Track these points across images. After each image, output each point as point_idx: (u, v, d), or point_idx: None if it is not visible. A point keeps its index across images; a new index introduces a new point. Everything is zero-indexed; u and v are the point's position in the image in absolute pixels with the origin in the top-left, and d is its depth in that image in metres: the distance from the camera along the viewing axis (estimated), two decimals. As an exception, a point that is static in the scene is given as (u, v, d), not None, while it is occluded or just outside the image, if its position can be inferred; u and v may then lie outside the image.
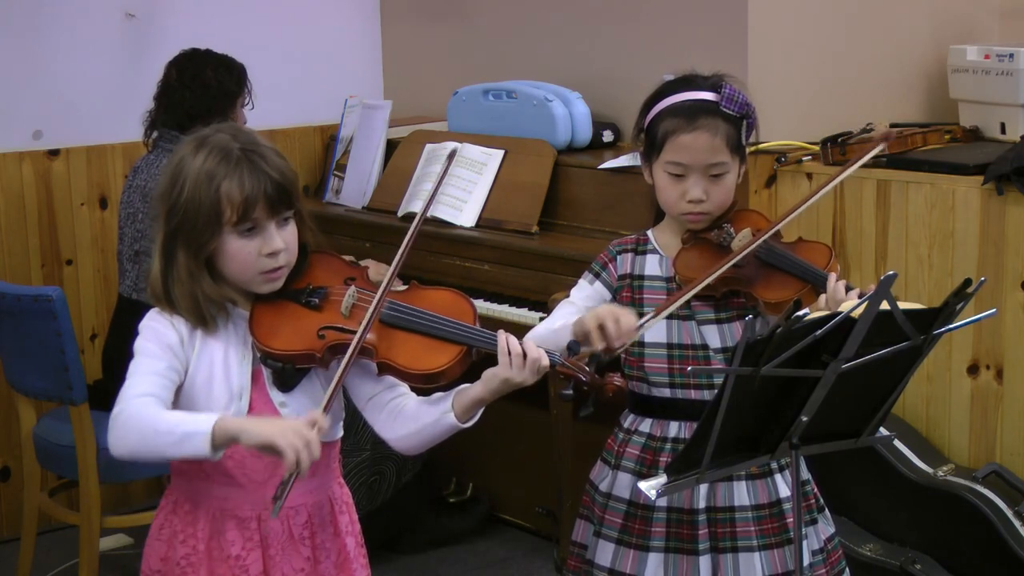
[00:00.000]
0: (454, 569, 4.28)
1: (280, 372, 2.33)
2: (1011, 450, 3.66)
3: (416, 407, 2.35)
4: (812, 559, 2.70)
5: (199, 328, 2.32)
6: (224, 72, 4.08)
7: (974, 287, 2.19)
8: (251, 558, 2.34)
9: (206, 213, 2.26)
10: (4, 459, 4.56)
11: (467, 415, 2.32)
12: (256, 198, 2.26)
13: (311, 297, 2.37)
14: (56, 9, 4.59)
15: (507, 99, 4.48)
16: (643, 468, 2.67)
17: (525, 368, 2.27)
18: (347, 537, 2.45)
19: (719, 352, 2.65)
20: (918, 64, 4.44)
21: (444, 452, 4.49)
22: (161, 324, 2.32)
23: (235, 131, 2.35)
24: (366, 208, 4.66)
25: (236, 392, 2.32)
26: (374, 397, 2.39)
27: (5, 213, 4.51)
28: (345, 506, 2.47)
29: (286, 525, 2.37)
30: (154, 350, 2.28)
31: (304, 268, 2.40)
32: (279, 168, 2.30)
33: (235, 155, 2.28)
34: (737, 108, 2.63)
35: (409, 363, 2.30)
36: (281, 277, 2.34)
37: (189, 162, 2.29)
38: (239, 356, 2.34)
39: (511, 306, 3.98)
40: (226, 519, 2.34)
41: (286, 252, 2.32)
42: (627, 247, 2.75)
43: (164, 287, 2.31)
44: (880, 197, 3.82)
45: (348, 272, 2.44)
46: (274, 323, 2.33)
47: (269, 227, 2.29)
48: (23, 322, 3.65)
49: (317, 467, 2.37)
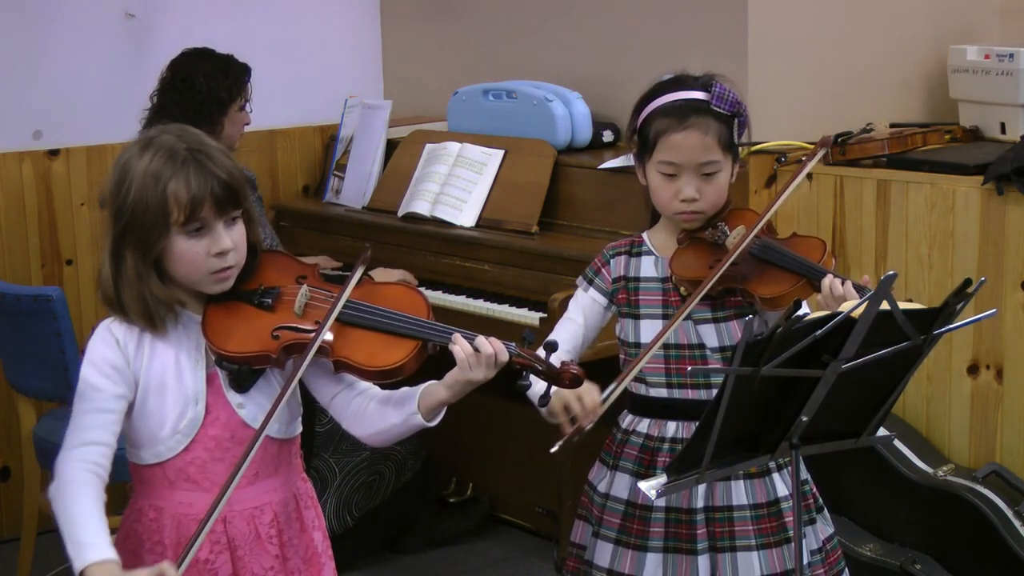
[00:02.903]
0: (454, 569, 4.28)
1: (236, 373, 2.32)
2: (1011, 450, 3.66)
3: (381, 407, 2.35)
4: (811, 559, 2.70)
5: (148, 331, 2.31)
6: (218, 77, 4.06)
7: (974, 287, 2.20)
8: (219, 561, 2.34)
9: (153, 214, 2.25)
10: (4, 459, 4.56)
11: (432, 415, 2.32)
12: (203, 198, 2.25)
13: (264, 297, 2.35)
14: (56, 9, 4.59)
15: (507, 99, 4.48)
16: (641, 468, 2.68)
17: (483, 366, 2.26)
18: (314, 531, 2.45)
19: (716, 351, 2.65)
20: (918, 64, 4.44)
21: (444, 452, 4.51)
22: (106, 344, 2.31)
23: (181, 132, 2.33)
24: (366, 208, 4.66)
25: (192, 397, 2.31)
26: (336, 396, 2.39)
27: (5, 213, 4.51)
28: (310, 500, 2.47)
29: (252, 525, 2.36)
30: (97, 379, 2.29)
31: (255, 268, 2.38)
32: (226, 168, 2.29)
33: (181, 155, 2.26)
34: (728, 106, 2.64)
35: (365, 360, 2.29)
36: (231, 277, 2.32)
37: (135, 163, 2.27)
38: (191, 361, 2.33)
39: (511, 306, 3.97)
40: (191, 524, 2.32)
41: (235, 252, 2.30)
42: (621, 249, 2.75)
43: (114, 289, 2.30)
44: (880, 197, 3.82)
45: (299, 270, 2.42)
46: (227, 325, 2.31)
47: (217, 227, 2.28)
48: (23, 322, 3.66)
49: (279, 465, 2.39)
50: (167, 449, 2.31)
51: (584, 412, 2.47)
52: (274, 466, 2.37)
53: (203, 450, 2.32)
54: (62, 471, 2.23)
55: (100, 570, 2.13)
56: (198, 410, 2.31)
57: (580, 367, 2.32)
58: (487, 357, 2.26)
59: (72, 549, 2.15)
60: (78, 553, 2.14)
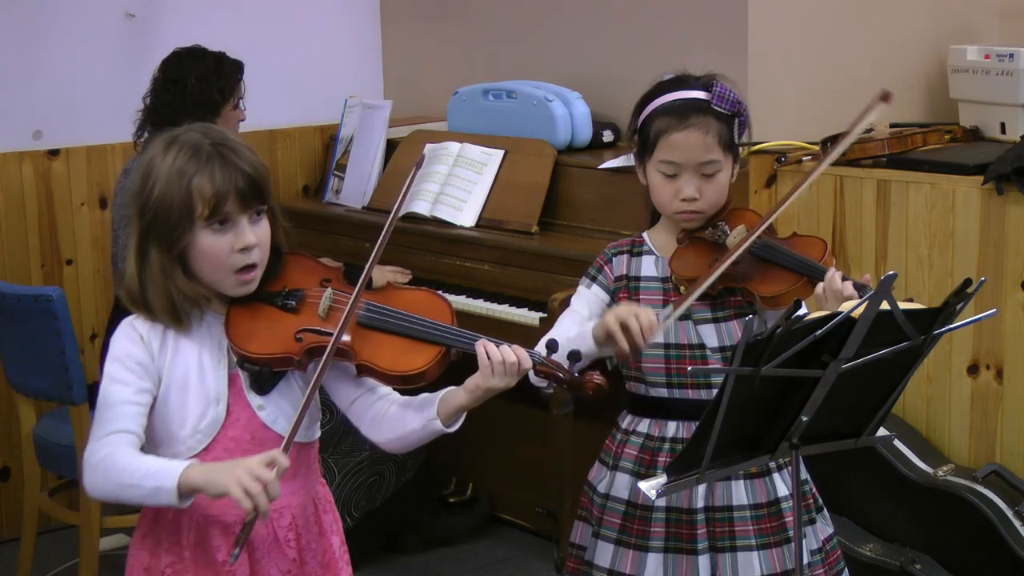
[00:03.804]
0: (454, 569, 4.28)
1: (257, 375, 2.32)
2: (1011, 450, 3.66)
3: (401, 412, 2.35)
4: (810, 559, 2.70)
5: (173, 328, 2.31)
6: (210, 79, 4.03)
7: (974, 287, 2.20)
8: (237, 562, 2.33)
9: (178, 209, 2.25)
10: (4, 459, 4.56)
11: (451, 420, 2.32)
12: (227, 192, 2.26)
13: (287, 299, 2.35)
14: (56, 9, 4.59)
15: (507, 99, 4.48)
16: (641, 468, 2.68)
17: (506, 373, 2.26)
18: (332, 536, 2.45)
19: (716, 351, 2.65)
20: (918, 64, 4.44)
21: (444, 452, 4.51)
22: (130, 340, 2.31)
23: (205, 129, 2.34)
24: (366, 208, 4.66)
25: (213, 397, 2.31)
26: (356, 400, 2.39)
27: (5, 213, 4.51)
28: (328, 505, 2.47)
29: (271, 528, 2.36)
30: (121, 374, 2.28)
31: (278, 270, 2.38)
32: (250, 162, 2.30)
33: (206, 151, 2.27)
34: (728, 106, 2.64)
35: (388, 365, 2.29)
36: (254, 279, 2.32)
37: (159, 161, 2.28)
38: (214, 360, 2.33)
39: (511, 306, 3.97)
40: (210, 525, 2.33)
41: (259, 249, 2.30)
42: (622, 249, 2.75)
43: (139, 287, 2.30)
44: (880, 197, 3.82)
45: (323, 273, 2.42)
46: (250, 326, 2.31)
47: (241, 222, 2.28)
48: (23, 322, 3.65)
49: (298, 468, 2.38)
50: (187, 448, 2.30)
51: (642, 330, 2.45)
52: (294, 469, 2.36)
53: (223, 451, 2.31)
54: (93, 456, 2.22)
55: (194, 470, 2.15)
56: (219, 410, 2.31)
57: (603, 377, 2.32)
58: (510, 365, 2.26)
59: (153, 483, 2.14)
60: (162, 478, 2.14)
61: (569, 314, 2.72)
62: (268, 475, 2.11)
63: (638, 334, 2.45)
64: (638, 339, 2.45)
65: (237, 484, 2.09)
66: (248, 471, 2.10)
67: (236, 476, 2.10)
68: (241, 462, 2.14)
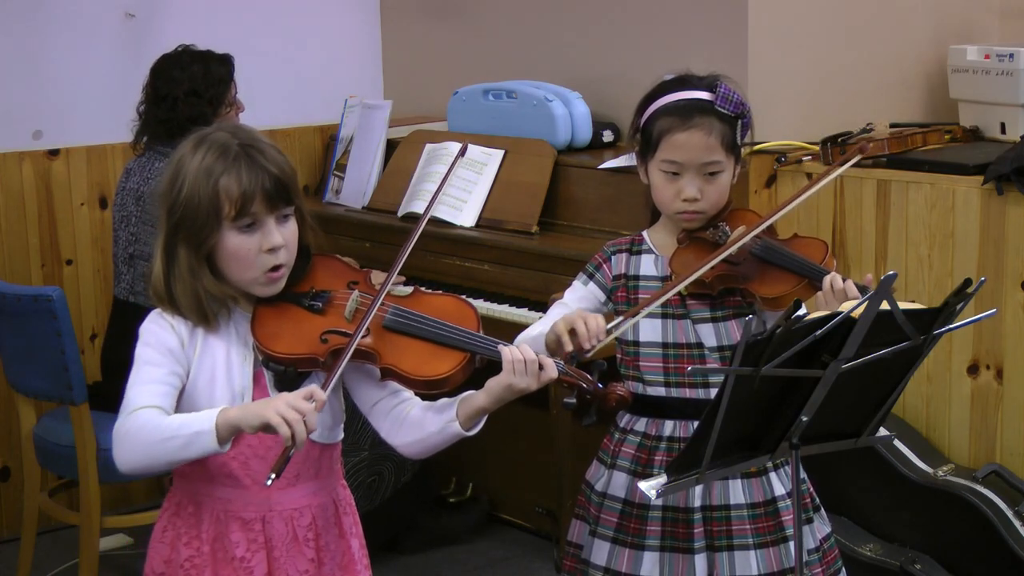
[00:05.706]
0: (454, 569, 4.28)
1: (282, 375, 2.32)
2: (1011, 450, 3.66)
3: (421, 414, 2.35)
4: (808, 558, 2.70)
5: (200, 326, 2.31)
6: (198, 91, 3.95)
7: (974, 287, 2.19)
8: (255, 560, 2.34)
9: (205, 209, 2.26)
10: (4, 459, 4.56)
11: (471, 423, 2.33)
12: (254, 192, 2.27)
13: (314, 301, 2.36)
14: (55, 9, 4.59)
15: (507, 99, 4.48)
16: (638, 467, 2.68)
17: (529, 375, 2.27)
18: (351, 538, 2.45)
19: (714, 351, 2.65)
20: (918, 64, 4.45)
21: (444, 452, 4.48)
22: (161, 327, 2.32)
23: (235, 129, 2.35)
24: (366, 208, 4.66)
25: (238, 393, 2.31)
26: (378, 403, 2.39)
27: (5, 213, 4.51)
28: (349, 507, 2.47)
29: (290, 526, 2.36)
30: (154, 356, 2.29)
31: (306, 271, 2.39)
32: (277, 163, 2.31)
33: (233, 151, 2.28)
34: (732, 107, 2.64)
35: (412, 369, 2.30)
36: (282, 279, 2.34)
37: (188, 160, 2.30)
38: (240, 357, 2.33)
39: (511, 306, 3.98)
40: (230, 521, 2.34)
41: (286, 250, 2.32)
42: (622, 247, 2.75)
43: (166, 286, 2.31)
44: (880, 197, 3.82)
45: (351, 276, 2.43)
46: (276, 326, 2.32)
47: (268, 222, 2.29)
48: (23, 322, 3.65)
49: (320, 468, 2.38)
50: None
51: (588, 335, 2.45)
52: (315, 469, 2.37)
53: (246, 446, 2.31)
54: (121, 427, 2.21)
55: (231, 409, 2.15)
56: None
57: (626, 388, 2.34)
58: (531, 363, 2.27)
59: (191, 429, 2.14)
60: (200, 422, 2.14)
61: (558, 306, 2.72)
62: (307, 406, 2.12)
63: (584, 337, 2.46)
64: (583, 343, 2.46)
65: (276, 412, 2.10)
66: (287, 402, 2.11)
67: (275, 406, 2.11)
68: (280, 395, 2.15)
